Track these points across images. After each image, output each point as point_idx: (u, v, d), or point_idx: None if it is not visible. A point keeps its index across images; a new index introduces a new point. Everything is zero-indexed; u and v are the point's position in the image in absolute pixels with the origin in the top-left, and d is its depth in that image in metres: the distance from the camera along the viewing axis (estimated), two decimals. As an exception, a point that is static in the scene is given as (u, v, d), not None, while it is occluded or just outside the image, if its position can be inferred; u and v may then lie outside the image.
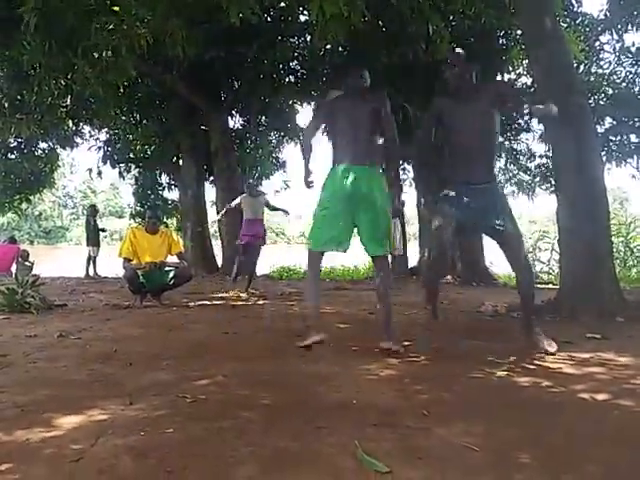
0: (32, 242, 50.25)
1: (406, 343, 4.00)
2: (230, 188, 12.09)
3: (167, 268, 6.33)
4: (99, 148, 14.42)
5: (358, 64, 4.19)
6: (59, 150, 14.86)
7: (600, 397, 2.69)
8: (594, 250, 5.24)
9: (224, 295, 7.60)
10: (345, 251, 3.90)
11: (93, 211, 13.31)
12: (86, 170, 15.58)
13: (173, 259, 6.65)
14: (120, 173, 14.76)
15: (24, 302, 5.81)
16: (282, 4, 8.54)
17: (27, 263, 12.20)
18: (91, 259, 12.51)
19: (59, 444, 2.07)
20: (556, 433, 2.24)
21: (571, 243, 5.40)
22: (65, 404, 2.54)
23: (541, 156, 14.78)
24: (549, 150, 10.83)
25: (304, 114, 42.15)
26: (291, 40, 11.18)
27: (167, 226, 14.37)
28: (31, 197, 16.34)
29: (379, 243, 3.81)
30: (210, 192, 14.23)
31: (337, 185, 3.75)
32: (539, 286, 9.98)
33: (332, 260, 16.49)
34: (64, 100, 10.36)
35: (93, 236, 12.56)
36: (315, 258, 3.90)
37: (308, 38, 10.96)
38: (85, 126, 14.09)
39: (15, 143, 13.38)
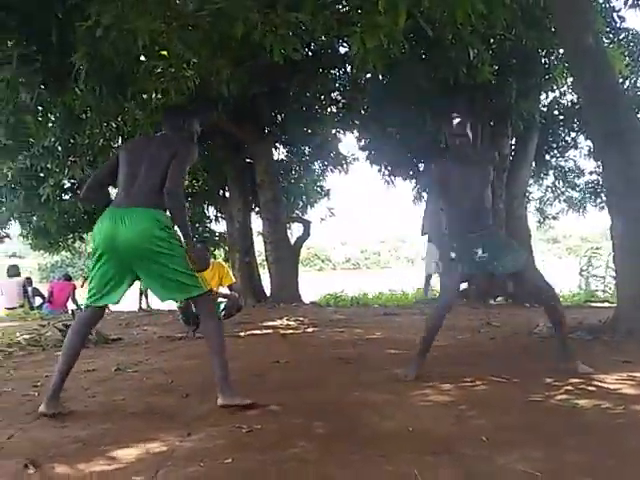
0: (86, 278, 51.22)
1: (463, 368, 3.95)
2: (276, 219, 12.23)
3: (219, 300, 6.40)
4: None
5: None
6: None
7: (664, 419, 2.60)
8: (651, 267, 5.08)
9: (274, 324, 7.63)
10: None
11: None
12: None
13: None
14: (169, 208, 15.10)
15: (82, 337, 5.95)
16: (322, 38, 8.68)
17: None
18: (142, 293, 12.78)
19: (120, 477, 2.12)
20: (617, 456, 2.17)
21: (627, 261, 5.25)
22: (124, 437, 2.60)
23: (591, 172, 14.54)
24: (599, 167, 10.61)
25: (346, 143, 42.49)
26: (331, 72, 11.33)
27: (215, 257, 14.63)
28: (84, 235, 16.79)
29: None
30: (256, 222, 14.42)
31: None
32: (595, 305, 9.71)
33: (379, 285, 16.46)
34: (115, 141, 10.73)
35: None
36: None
37: (348, 69, 11.09)
38: (135, 165, 14.46)
39: (69, 184, 13.82)
